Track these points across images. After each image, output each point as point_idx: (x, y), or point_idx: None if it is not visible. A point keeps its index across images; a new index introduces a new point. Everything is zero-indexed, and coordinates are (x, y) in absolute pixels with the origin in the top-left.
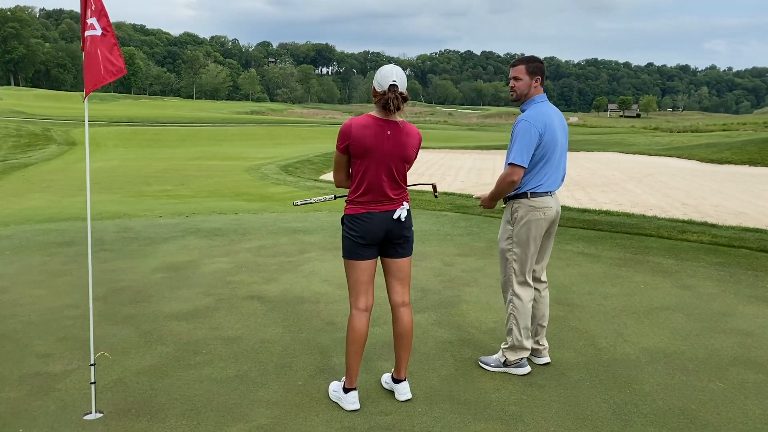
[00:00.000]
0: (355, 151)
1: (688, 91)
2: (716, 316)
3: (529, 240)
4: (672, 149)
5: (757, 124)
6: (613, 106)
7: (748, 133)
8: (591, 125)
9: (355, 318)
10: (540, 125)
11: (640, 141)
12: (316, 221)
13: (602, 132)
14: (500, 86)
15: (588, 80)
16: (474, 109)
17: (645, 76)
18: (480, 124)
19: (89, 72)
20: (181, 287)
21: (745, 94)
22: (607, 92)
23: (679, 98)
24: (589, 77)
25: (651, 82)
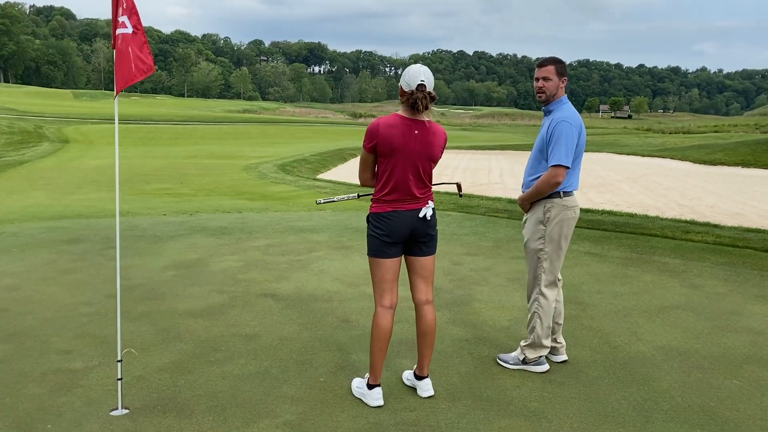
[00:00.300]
0: (383, 150)
1: (678, 93)
2: (726, 315)
3: (561, 239)
4: (665, 150)
5: (748, 125)
6: (605, 107)
7: (740, 134)
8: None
9: (380, 315)
10: (577, 126)
11: (633, 142)
12: (321, 220)
13: (595, 133)
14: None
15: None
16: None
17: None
18: (473, 124)
19: (120, 70)
20: (193, 285)
21: (735, 95)
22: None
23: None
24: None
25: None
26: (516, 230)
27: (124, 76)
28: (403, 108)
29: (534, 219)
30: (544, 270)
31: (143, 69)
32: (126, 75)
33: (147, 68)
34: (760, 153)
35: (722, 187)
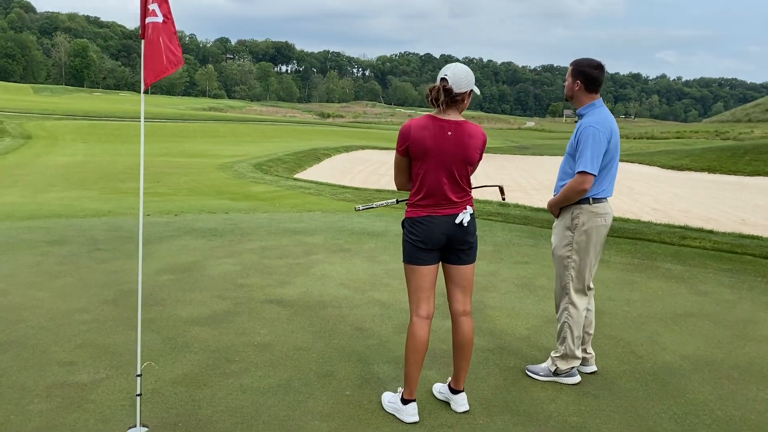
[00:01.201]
0: (415, 153)
1: (639, 99)
2: (741, 323)
3: (590, 247)
4: (633, 155)
5: (708, 132)
6: (568, 111)
7: (702, 141)
8: (548, 130)
9: (416, 326)
10: (607, 131)
11: None
12: (313, 222)
13: (562, 137)
14: None
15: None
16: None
17: None
18: None
19: (151, 61)
20: (192, 290)
21: (693, 103)
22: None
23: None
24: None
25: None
26: (514, 234)
27: (155, 68)
28: (436, 108)
29: (562, 225)
30: (572, 278)
31: (174, 61)
32: (157, 67)
33: (177, 60)
34: (724, 159)
35: (692, 191)
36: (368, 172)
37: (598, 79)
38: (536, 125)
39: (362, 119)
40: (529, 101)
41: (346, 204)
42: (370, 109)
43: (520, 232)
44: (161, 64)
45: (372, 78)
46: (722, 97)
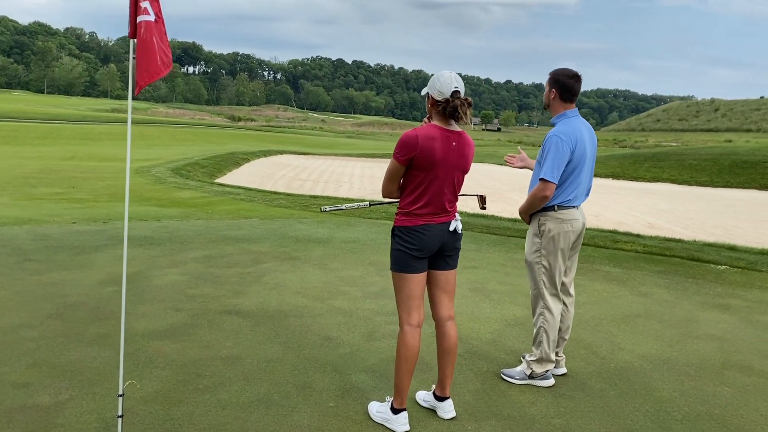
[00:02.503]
0: (421, 164)
1: (542, 108)
2: (684, 322)
3: (557, 252)
4: None
5: (607, 140)
6: (476, 119)
7: (603, 148)
8: None
9: (408, 335)
10: (571, 141)
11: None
12: (253, 229)
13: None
14: (371, 95)
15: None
16: (346, 117)
17: (504, 92)
18: (355, 131)
19: (145, 62)
20: (142, 302)
21: (591, 112)
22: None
23: (534, 114)
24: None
25: (509, 99)
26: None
27: (150, 69)
28: (437, 118)
29: (531, 232)
30: (545, 283)
31: (167, 62)
32: (152, 68)
33: (169, 62)
34: (627, 166)
35: (600, 197)
36: (290, 177)
37: (572, 88)
38: None
39: (275, 123)
40: None
41: (283, 210)
42: (282, 113)
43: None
44: (155, 65)
45: (283, 81)
46: (617, 107)
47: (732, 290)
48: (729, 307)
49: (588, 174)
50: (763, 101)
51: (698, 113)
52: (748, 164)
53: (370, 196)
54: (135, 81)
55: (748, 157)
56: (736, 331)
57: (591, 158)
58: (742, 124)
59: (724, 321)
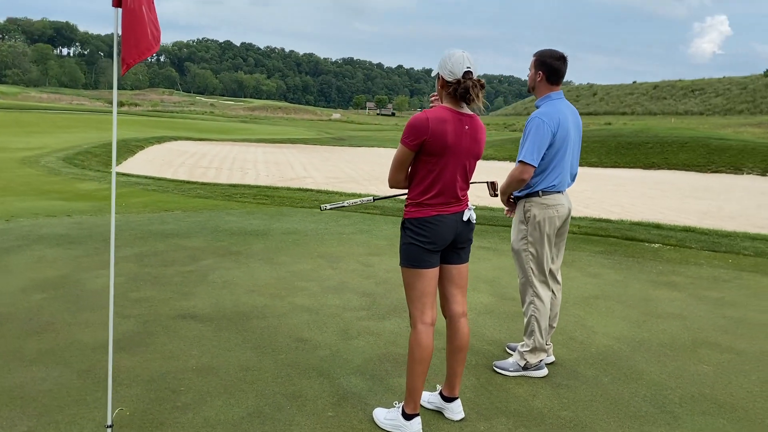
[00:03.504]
0: (432, 149)
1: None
2: (641, 302)
3: (543, 238)
4: None
5: (498, 125)
6: (371, 104)
7: (497, 132)
8: (356, 122)
9: (422, 334)
10: (553, 123)
11: None
12: (180, 223)
13: (373, 129)
14: (261, 79)
15: (345, 78)
16: (237, 101)
17: (396, 77)
18: (249, 116)
19: (133, 36)
20: (81, 310)
21: None
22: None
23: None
24: (346, 75)
25: (401, 83)
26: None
27: (140, 45)
28: (447, 100)
29: (516, 219)
30: (533, 270)
31: (157, 38)
32: (142, 44)
33: (158, 37)
34: None
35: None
36: (191, 164)
37: (560, 70)
38: (342, 117)
39: (161, 108)
40: (332, 93)
41: (204, 201)
42: (168, 97)
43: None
44: (146, 40)
45: (168, 64)
46: (502, 93)
47: (671, 267)
48: (675, 284)
49: (573, 158)
50: (636, 86)
51: (578, 97)
52: (633, 145)
53: (280, 182)
54: (120, 59)
55: (632, 138)
56: (690, 308)
57: (575, 142)
58: (618, 107)
59: (676, 299)
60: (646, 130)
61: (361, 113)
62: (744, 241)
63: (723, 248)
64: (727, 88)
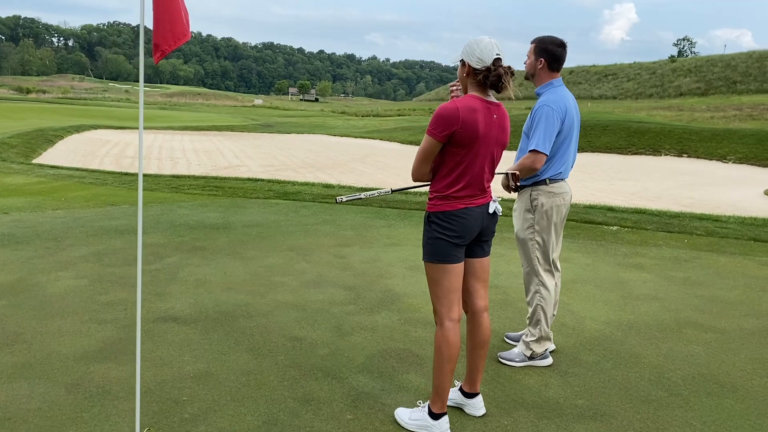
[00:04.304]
0: (461, 140)
1: (355, 79)
2: (616, 285)
3: (551, 227)
4: (374, 132)
5: (423, 109)
6: (293, 90)
7: (424, 117)
8: (279, 107)
9: (450, 331)
10: (561, 111)
11: (339, 124)
12: (131, 217)
13: (298, 115)
14: (178, 64)
15: (266, 63)
16: (153, 87)
17: (318, 62)
18: (167, 103)
19: (168, 20)
20: (49, 317)
21: (401, 83)
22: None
23: (347, 84)
24: (266, 60)
25: (323, 69)
26: (363, 216)
27: (175, 30)
28: (474, 88)
29: (522, 208)
30: (539, 260)
31: (188, 23)
32: (177, 29)
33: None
34: None
35: None
36: (116, 154)
37: (561, 57)
38: (265, 103)
39: (73, 95)
40: (252, 78)
41: (151, 194)
42: (79, 84)
43: (366, 213)
44: (181, 25)
45: (77, 49)
46: (424, 78)
47: (634, 249)
48: (642, 266)
49: (575, 146)
50: None
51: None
52: None
53: (213, 172)
54: (153, 45)
55: None
56: (663, 289)
57: (577, 129)
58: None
59: (648, 280)
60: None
61: (284, 99)
62: (693, 222)
63: (676, 229)
64: (638, 73)
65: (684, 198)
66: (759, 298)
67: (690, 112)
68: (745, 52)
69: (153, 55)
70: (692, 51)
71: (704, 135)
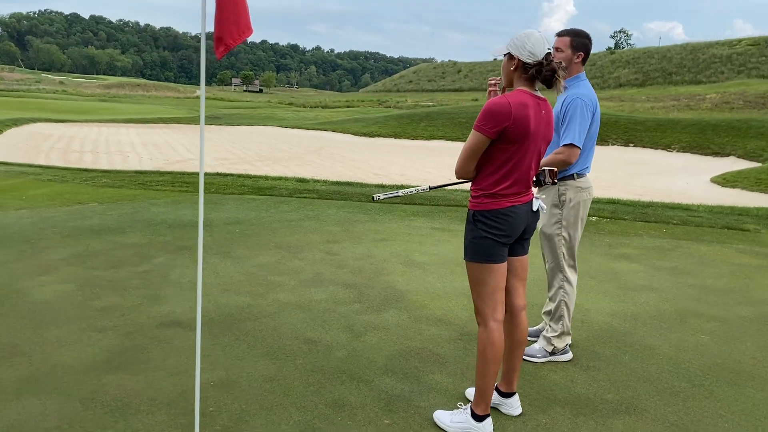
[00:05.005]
0: (513, 136)
1: (299, 69)
2: (610, 276)
3: (578, 222)
4: (325, 123)
5: (372, 101)
6: (236, 80)
7: (374, 109)
8: (223, 99)
9: (495, 332)
10: (592, 105)
11: (289, 116)
12: (104, 216)
13: (246, 107)
14: (115, 54)
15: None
16: (89, 78)
17: (261, 52)
18: (106, 94)
19: (234, 12)
20: (43, 326)
21: (346, 74)
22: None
23: (292, 75)
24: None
25: (266, 59)
26: (345, 210)
27: (240, 24)
28: (522, 83)
29: (548, 203)
30: (564, 255)
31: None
32: (242, 22)
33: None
34: (405, 126)
35: (392, 156)
36: (61, 149)
37: (590, 51)
38: (208, 94)
39: (4, 87)
40: (193, 69)
41: (117, 191)
42: (9, 74)
43: (347, 208)
44: (246, 18)
45: (5, 38)
46: (369, 69)
47: (617, 239)
48: (629, 256)
49: (595, 140)
50: (497, 63)
51: (444, 74)
52: None
53: (167, 166)
54: (215, 39)
55: None
56: (655, 279)
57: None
58: (481, 84)
59: (638, 270)
60: None
61: (227, 90)
62: (666, 211)
63: (653, 218)
64: None
65: (636, 187)
66: (746, 285)
67: (631, 102)
68: (680, 45)
69: (215, 50)
70: (628, 43)
71: (648, 125)
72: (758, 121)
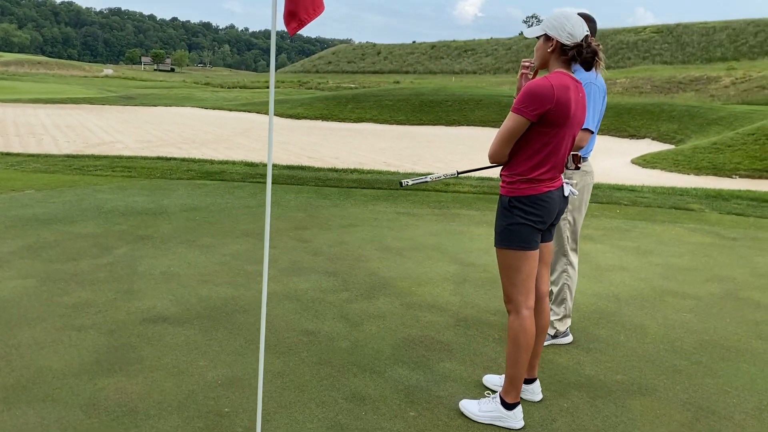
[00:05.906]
0: (554, 119)
1: (212, 48)
2: (581, 256)
3: (582, 205)
4: (248, 105)
5: (293, 82)
6: (146, 59)
7: (296, 91)
8: (135, 78)
9: (527, 320)
10: (603, 89)
11: (207, 96)
12: (45, 204)
13: (160, 86)
14: (11, 29)
15: (114, 30)
16: None
17: (171, 30)
18: (6, 72)
19: None
20: (15, 326)
21: (261, 53)
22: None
23: (205, 54)
24: (114, 27)
25: (177, 37)
26: (304, 196)
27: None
28: (560, 65)
29: None
30: (568, 239)
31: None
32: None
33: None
34: (332, 108)
35: (322, 138)
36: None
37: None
38: (117, 73)
39: None
40: (98, 47)
41: (52, 177)
42: None
43: (304, 193)
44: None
45: None
46: (285, 49)
47: (598, 222)
48: (592, 237)
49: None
50: (415, 46)
51: (364, 56)
52: (434, 103)
53: (86, 149)
54: (286, 13)
55: (433, 97)
56: (624, 259)
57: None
58: (401, 66)
59: (605, 251)
60: (443, 88)
61: (137, 69)
62: (614, 192)
63: (603, 200)
64: (495, 48)
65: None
66: (707, 263)
67: None
68: None
69: (286, 24)
70: None
71: None
72: (669, 105)
